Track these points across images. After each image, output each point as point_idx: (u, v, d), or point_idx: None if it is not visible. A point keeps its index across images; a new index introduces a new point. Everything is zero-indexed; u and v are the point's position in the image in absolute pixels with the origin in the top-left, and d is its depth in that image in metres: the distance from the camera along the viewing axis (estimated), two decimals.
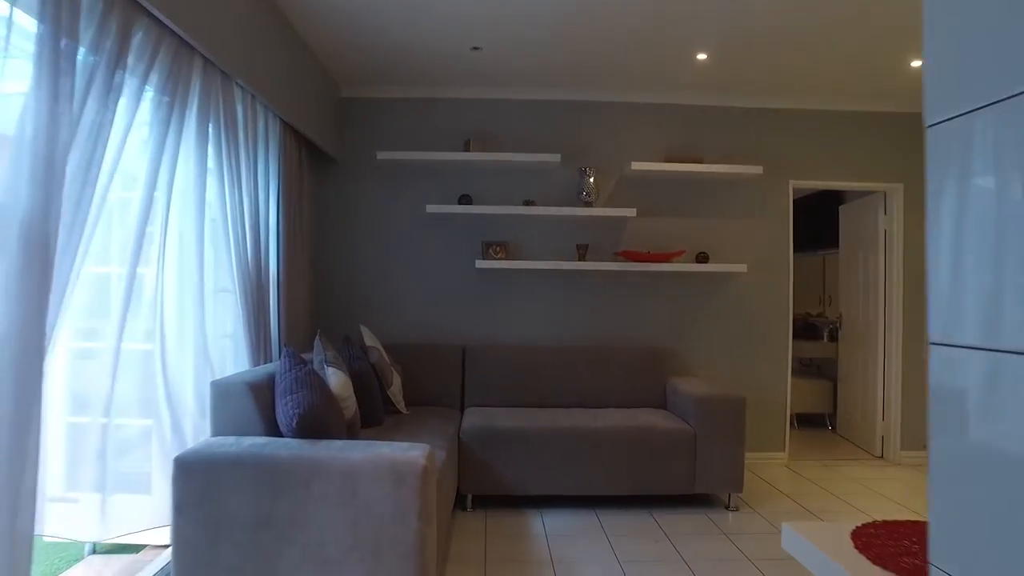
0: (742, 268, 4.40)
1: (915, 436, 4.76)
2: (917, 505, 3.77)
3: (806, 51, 3.80)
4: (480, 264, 4.30)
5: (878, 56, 3.86)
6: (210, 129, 2.80)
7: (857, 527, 1.21)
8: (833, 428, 5.84)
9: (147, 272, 2.54)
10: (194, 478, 2.13)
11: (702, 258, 4.53)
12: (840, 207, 5.71)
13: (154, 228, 2.53)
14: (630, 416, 3.82)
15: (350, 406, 3.00)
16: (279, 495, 2.14)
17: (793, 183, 4.69)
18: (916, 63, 3.96)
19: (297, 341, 3.88)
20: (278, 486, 2.15)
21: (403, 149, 4.48)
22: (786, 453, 4.67)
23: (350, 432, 2.93)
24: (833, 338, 5.92)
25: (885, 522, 1.25)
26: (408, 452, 2.22)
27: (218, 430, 2.49)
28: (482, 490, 3.57)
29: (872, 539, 1.13)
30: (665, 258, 4.38)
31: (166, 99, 2.46)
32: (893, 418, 4.77)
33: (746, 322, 4.65)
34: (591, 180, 4.42)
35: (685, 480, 3.62)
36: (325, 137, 4.21)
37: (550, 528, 3.34)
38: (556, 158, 4.33)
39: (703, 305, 4.63)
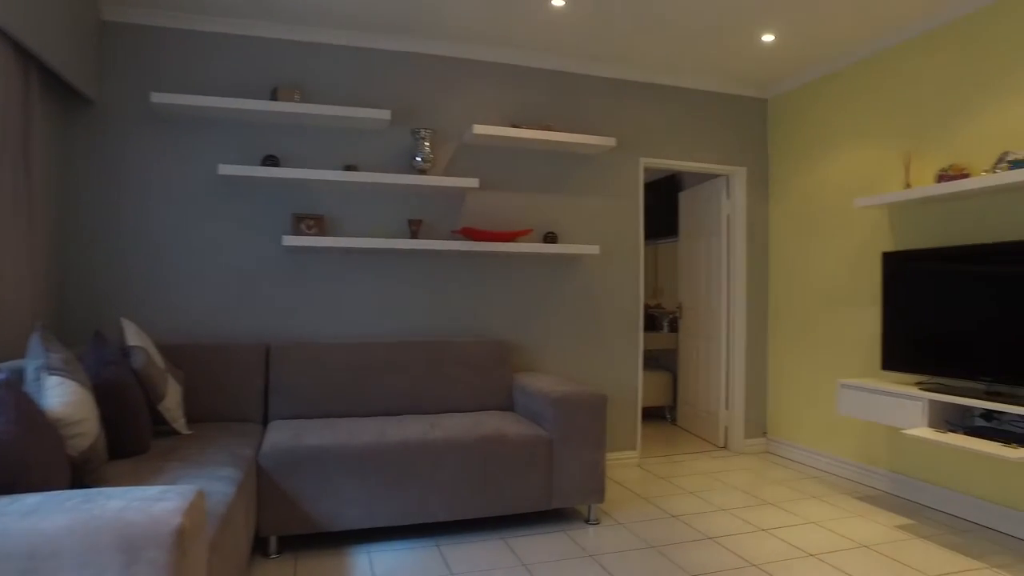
0: (594, 250, 3.99)
1: (757, 424, 4.69)
2: (769, 495, 3.58)
3: (660, 15, 3.44)
4: (289, 241, 3.44)
5: (731, 29, 3.62)
6: None
7: None
8: (674, 421, 5.71)
9: None
10: None
11: (550, 238, 4.06)
12: (680, 193, 5.59)
13: None
14: (475, 422, 3.20)
15: (86, 432, 2.06)
16: None
17: (644, 161, 4.39)
18: (768, 37, 3.79)
19: (17, 342, 2.77)
20: None
21: (190, 92, 3.49)
22: (637, 451, 4.35)
23: (80, 473, 2.00)
24: (673, 328, 5.80)
25: None
26: (155, 505, 1.40)
27: None
28: (290, 529, 2.75)
29: None
30: (510, 237, 3.83)
31: None
32: (736, 407, 4.65)
33: (596, 310, 4.26)
34: (426, 144, 3.75)
35: (541, 495, 3.08)
36: (73, 66, 3.11)
37: (380, 571, 2.63)
38: (385, 115, 3.60)
39: (550, 291, 4.16)
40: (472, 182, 3.74)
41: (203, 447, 2.64)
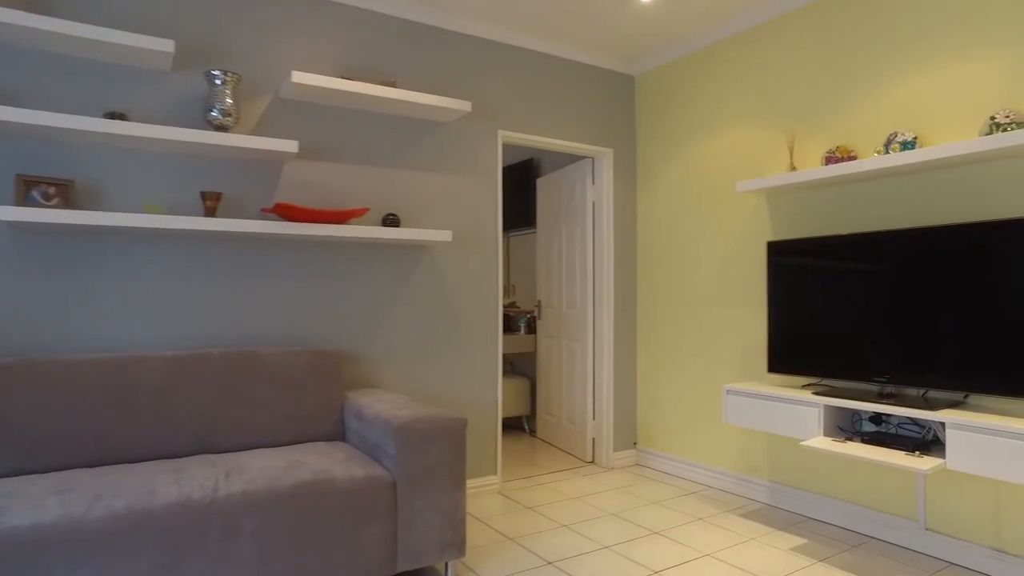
0: (446, 236, 3.28)
1: (627, 435, 4.25)
2: (652, 521, 3.10)
3: None
4: (9, 215, 2.35)
5: None
6: None
7: None
8: (533, 432, 5.16)
9: None
10: None
11: (391, 221, 3.29)
12: (538, 179, 5.05)
13: None
14: (291, 463, 2.36)
15: None
16: None
17: (503, 135, 3.76)
18: None
19: None
20: None
21: None
22: (499, 476, 3.70)
23: None
24: (531, 330, 5.26)
25: None
26: None
27: None
28: None
29: None
30: (340, 218, 3.01)
31: None
32: (605, 417, 4.17)
33: (448, 310, 3.56)
34: (228, 93, 2.82)
35: (383, 557, 2.31)
36: None
37: None
38: (167, 47, 2.63)
39: (392, 288, 3.39)
40: (289, 145, 2.87)
41: None
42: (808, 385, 3.17)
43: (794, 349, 3.13)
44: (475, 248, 3.65)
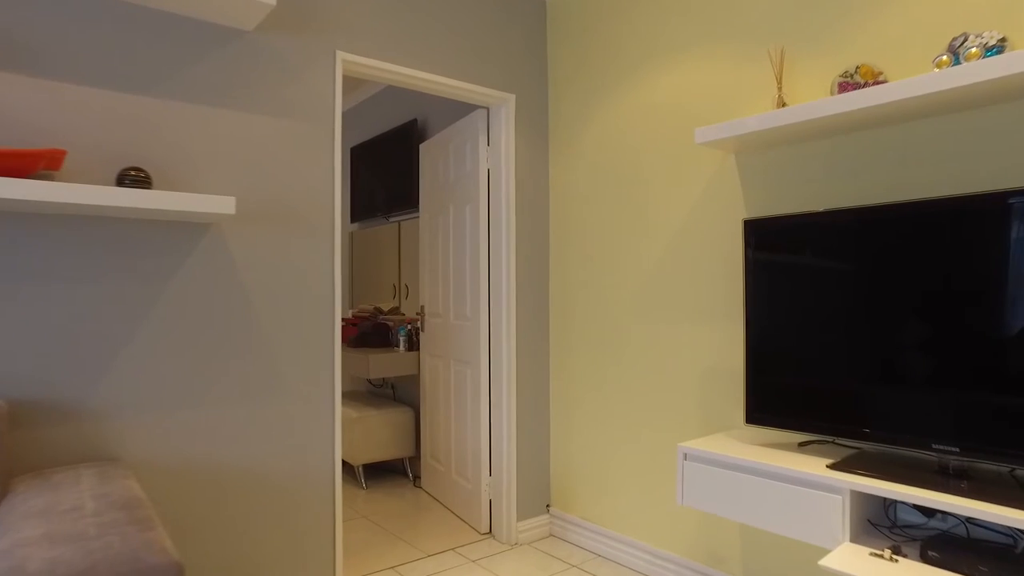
0: (226, 206, 1.95)
1: (537, 495, 3.03)
2: None
3: None
4: None
5: None
6: None
7: None
8: (417, 480, 3.88)
9: None
10: None
11: (135, 180, 1.93)
12: (421, 145, 3.78)
13: None
14: None
15: None
16: None
17: (344, 58, 2.45)
18: None
19: None
20: None
21: None
22: (339, 573, 2.41)
23: None
24: (414, 346, 3.97)
25: None
26: None
27: None
28: None
29: None
30: (17, 164, 1.65)
31: None
32: (505, 471, 2.94)
33: (245, 325, 2.24)
34: None
35: None
36: None
37: None
38: None
39: (145, 292, 2.04)
40: None
41: None
42: (807, 443, 2.04)
43: (789, 390, 1.98)
44: (295, 229, 2.34)
